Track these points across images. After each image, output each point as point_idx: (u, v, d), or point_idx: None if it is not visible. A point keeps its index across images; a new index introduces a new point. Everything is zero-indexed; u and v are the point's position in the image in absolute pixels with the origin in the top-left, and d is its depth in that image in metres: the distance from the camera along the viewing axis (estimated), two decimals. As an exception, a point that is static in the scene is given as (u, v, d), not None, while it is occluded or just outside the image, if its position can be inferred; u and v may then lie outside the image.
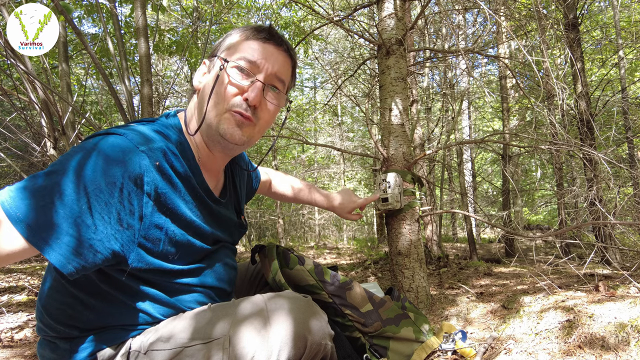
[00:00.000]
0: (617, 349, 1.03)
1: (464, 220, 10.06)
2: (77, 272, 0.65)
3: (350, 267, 4.03)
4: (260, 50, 0.83)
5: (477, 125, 10.80)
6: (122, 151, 0.70)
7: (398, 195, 1.80)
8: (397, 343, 1.19)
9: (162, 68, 7.99)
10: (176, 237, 0.79)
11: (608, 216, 2.22)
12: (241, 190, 1.08)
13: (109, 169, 0.67)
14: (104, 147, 0.69)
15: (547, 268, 2.70)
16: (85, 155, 0.68)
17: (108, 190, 0.67)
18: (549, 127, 2.40)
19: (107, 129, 0.76)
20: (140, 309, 0.80)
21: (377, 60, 2.29)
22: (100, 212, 0.66)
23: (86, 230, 0.64)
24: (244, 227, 1.06)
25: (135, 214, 0.72)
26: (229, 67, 0.81)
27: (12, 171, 5.57)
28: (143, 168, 0.72)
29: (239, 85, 0.81)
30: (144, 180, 0.72)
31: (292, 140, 9.20)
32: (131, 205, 0.71)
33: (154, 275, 0.79)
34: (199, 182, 0.84)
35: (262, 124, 0.86)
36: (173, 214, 0.78)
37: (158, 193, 0.75)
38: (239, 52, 0.83)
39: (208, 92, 0.81)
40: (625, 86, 4.35)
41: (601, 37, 5.41)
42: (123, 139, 0.72)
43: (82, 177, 0.65)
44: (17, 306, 2.39)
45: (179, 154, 0.80)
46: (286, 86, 0.90)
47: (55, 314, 0.79)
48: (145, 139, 0.75)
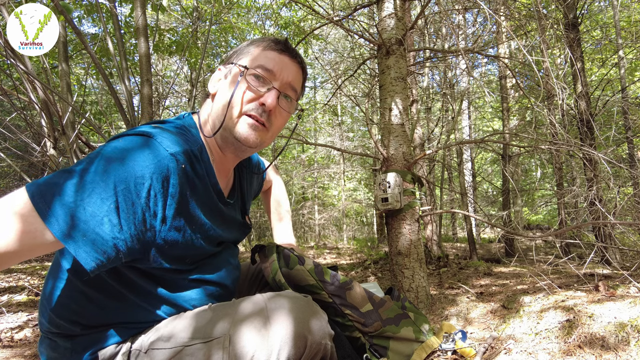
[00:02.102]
0: (617, 349, 1.04)
1: (464, 220, 10.06)
2: (99, 268, 0.66)
3: (350, 267, 4.04)
4: (277, 60, 0.88)
5: (477, 125, 10.80)
6: (152, 153, 0.72)
7: (398, 195, 1.80)
8: (397, 343, 1.19)
9: (162, 68, 7.99)
10: (193, 240, 0.81)
11: (608, 216, 2.22)
12: (247, 191, 1.10)
13: (138, 169, 0.69)
14: (133, 148, 0.71)
15: (547, 268, 2.70)
16: (115, 155, 0.69)
17: (136, 190, 0.69)
18: (549, 127, 2.40)
19: (133, 129, 0.77)
20: (143, 307, 0.81)
21: (377, 60, 2.29)
22: (127, 211, 0.68)
23: (112, 229, 0.66)
24: (248, 227, 1.07)
25: (158, 216, 0.73)
26: (248, 74, 0.85)
27: (12, 171, 5.57)
28: (171, 170, 0.74)
29: (256, 91, 0.85)
30: (170, 182, 0.74)
31: (292, 140, 9.21)
32: (156, 206, 0.72)
33: (162, 273, 0.80)
34: (213, 185, 0.86)
35: (274, 129, 0.91)
36: (191, 216, 0.80)
37: (181, 195, 0.77)
38: (257, 60, 0.87)
39: (227, 96, 0.85)
40: (625, 86, 4.35)
41: (601, 37, 5.41)
42: (152, 141, 0.74)
43: (111, 176, 0.67)
44: (17, 306, 2.39)
45: (199, 156, 0.82)
46: (297, 95, 0.95)
47: (59, 309, 0.79)
48: (172, 141, 0.77)
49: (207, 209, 0.85)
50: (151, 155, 0.71)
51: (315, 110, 10.64)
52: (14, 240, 0.60)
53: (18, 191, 0.64)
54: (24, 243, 0.61)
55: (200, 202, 0.82)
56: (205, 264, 0.88)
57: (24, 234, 0.61)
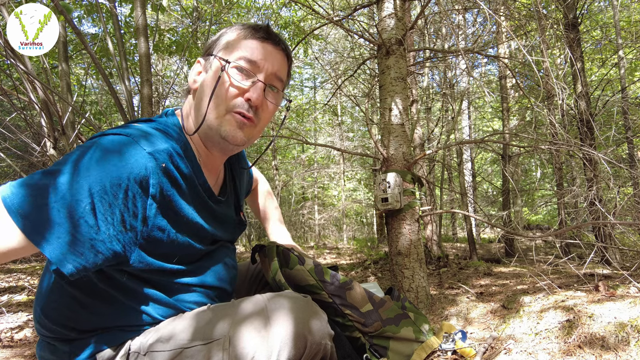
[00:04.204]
0: (617, 349, 1.03)
1: (464, 220, 10.06)
2: (78, 272, 0.64)
3: (350, 267, 4.04)
4: (259, 49, 0.82)
5: (477, 125, 10.80)
6: (129, 152, 0.69)
7: (398, 195, 1.80)
8: (397, 343, 1.19)
9: (162, 68, 7.98)
10: (178, 239, 0.79)
11: (608, 216, 2.22)
12: (240, 187, 1.08)
13: (114, 170, 0.67)
14: (109, 148, 0.69)
15: (547, 268, 2.70)
16: (90, 156, 0.67)
17: (112, 191, 0.66)
18: (549, 127, 2.40)
19: (111, 129, 0.75)
20: (139, 310, 0.79)
21: (377, 60, 2.29)
22: (104, 213, 0.66)
23: (88, 230, 0.64)
24: (243, 224, 1.05)
25: (138, 216, 0.71)
26: (229, 68, 0.80)
27: (12, 171, 5.57)
28: (149, 170, 0.71)
29: (240, 86, 0.80)
30: (150, 183, 0.71)
31: (292, 140, 9.21)
32: (135, 207, 0.70)
33: (154, 275, 0.79)
34: (201, 183, 0.84)
35: (262, 123, 0.86)
36: (176, 215, 0.78)
37: (163, 195, 0.74)
38: (237, 51, 0.81)
39: (208, 93, 0.80)
40: (625, 86, 4.35)
41: (601, 37, 5.41)
42: (129, 140, 0.71)
43: (86, 178, 0.65)
44: (17, 306, 2.39)
45: (183, 154, 0.79)
46: (283, 85, 0.90)
47: (53, 315, 0.78)
48: (151, 139, 0.74)
49: (196, 207, 0.82)
50: (127, 155, 0.69)
51: (315, 111, 10.64)
52: None
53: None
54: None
55: (187, 200, 0.80)
56: (199, 267, 0.86)
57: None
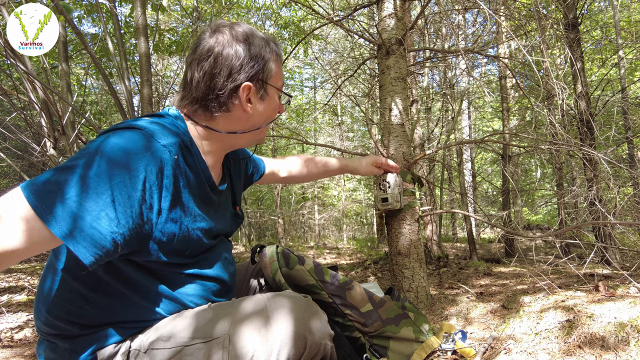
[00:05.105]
0: (617, 349, 1.03)
1: (464, 220, 10.06)
2: (97, 262, 0.65)
3: (350, 267, 4.04)
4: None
5: (477, 125, 10.80)
6: (145, 145, 0.72)
7: (398, 195, 1.80)
8: (397, 343, 1.19)
9: (162, 68, 7.98)
10: (189, 232, 0.81)
11: (608, 216, 2.22)
12: (237, 180, 1.09)
13: (132, 162, 0.69)
14: (126, 141, 0.71)
15: (547, 268, 2.70)
16: (109, 149, 0.68)
17: (132, 183, 0.68)
18: (549, 127, 2.40)
19: (122, 123, 0.77)
20: (142, 304, 0.80)
21: (377, 60, 2.29)
22: (123, 205, 0.67)
23: (109, 223, 0.65)
24: (240, 218, 1.07)
25: (154, 208, 0.73)
26: (282, 100, 0.95)
27: (12, 171, 5.57)
28: (164, 162, 0.74)
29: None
30: (164, 174, 0.74)
31: (292, 140, 9.20)
32: (151, 198, 0.72)
33: (159, 266, 0.80)
34: (206, 177, 0.87)
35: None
36: (186, 208, 0.80)
37: (175, 187, 0.77)
38: (279, 80, 0.92)
39: (260, 122, 0.91)
40: (625, 86, 4.35)
41: (601, 37, 5.41)
42: (144, 133, 0.74)
43: (106, 170, 0.66)
44: (17, 306, 2.39)
45: (190, 147, 0.82)
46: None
47: (55, 310, 0.79)
48: (163, 133, 0.77)
49: (200, 199, 0.85)
50: (144, 147, 0.71)
51: (315, 111, 10.64)
52: (15, 240, 0.60)
53: (15, 192, 0.63)
54: (25, 243, 0.61)
55: (193, 192, 0.82)
56: (202, 259, 0.88)
57: (25, 235, 0.60)
